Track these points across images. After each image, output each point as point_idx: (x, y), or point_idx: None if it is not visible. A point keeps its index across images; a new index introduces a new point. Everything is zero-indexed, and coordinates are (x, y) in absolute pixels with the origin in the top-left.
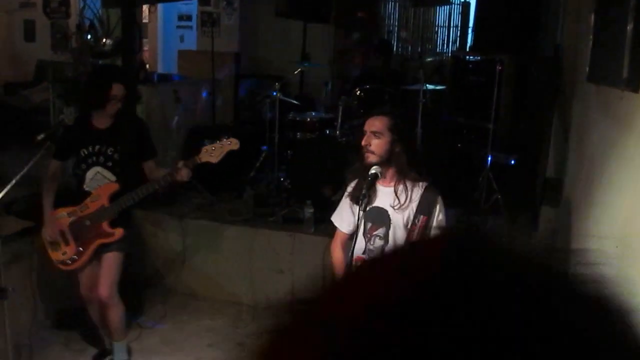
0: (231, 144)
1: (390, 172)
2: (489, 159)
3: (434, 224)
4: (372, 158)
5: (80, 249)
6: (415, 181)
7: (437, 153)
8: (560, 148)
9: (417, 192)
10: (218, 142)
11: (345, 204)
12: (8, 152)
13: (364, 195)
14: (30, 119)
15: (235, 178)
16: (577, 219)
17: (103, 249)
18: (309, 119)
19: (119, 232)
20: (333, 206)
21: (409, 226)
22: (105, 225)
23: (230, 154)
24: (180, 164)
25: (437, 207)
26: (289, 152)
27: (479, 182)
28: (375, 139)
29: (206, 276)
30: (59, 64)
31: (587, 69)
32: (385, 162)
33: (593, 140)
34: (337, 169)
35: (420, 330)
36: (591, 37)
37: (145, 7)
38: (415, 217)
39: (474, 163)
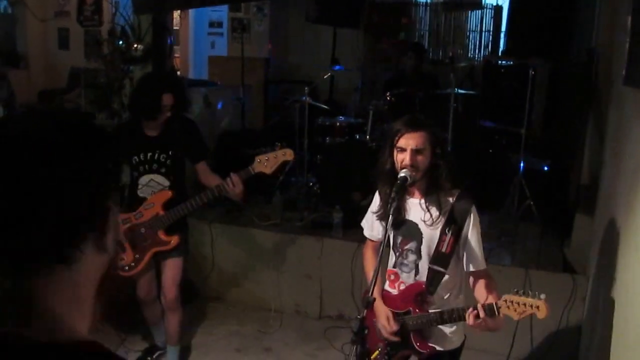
0: (286, 154)
1: (424, 185)
2: (522, 164)
3: (468, 234)
4: (416, 175)
5: (137, 256)
6: (447, 191)
7: (468, 158)
8: (595, 154)
9: (449, 203)
10: (272, 152)
11: (372, 215)
12: None
13: (392, 199)
14: None
15: (264, 183)
16: (613, 227)
17: (162, 255)
18: (338, 124)
19: (175, 240)
20: (362, 211)
21: (440, 236)
22: (161, 234)
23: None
24: (234, 176)
25: (471, 216)
26: (318, 156)
27: (511, 188)
28: (419, 155)
29: (234, 281)
30: (91, 70)
31: (624, 72)
32: (423, 176)
33: (630, 145)
34: (366, 174)
35: None
36: (628, 39)
37: (176, 14)
38: (446, 226)
39: (506, 168)
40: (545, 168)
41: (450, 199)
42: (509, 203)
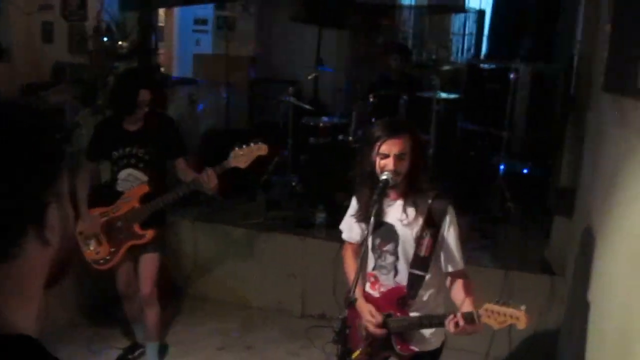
0: (260, 149)
1: (402, 187)
2: (502, 167)
3: (445, 234)
4: (397, 179)
5: (113, 249)
6: (424, 192)
7: (449, 160)
8: (574, 157)
9: (425, 204)
10: (246, 146)
11: (351, 218)
12: None
13: (374, 201)
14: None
15: (247, 182)
16: (590, 229)
17: (138, 250)
18: (322, 124)
19: (150, 233)
20: (345, 212)
21: (418, 239)
22: (136, 227)
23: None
24: (209, 169)
25: (447, 217)
26: (301, 156)
27: (492, 190)
28: (401, 160)
29: (217, 279)
30: (76, 65)
31: (603, 78)
32: (402, 179)
33: (608, 150)
34: (349, 176)
35: None
36: (607, 46)
37: (161, 11)
38: (423, 229)
39: (487, 171)
40: (526, 171)
41: (428, 200)
42: (489, 205)
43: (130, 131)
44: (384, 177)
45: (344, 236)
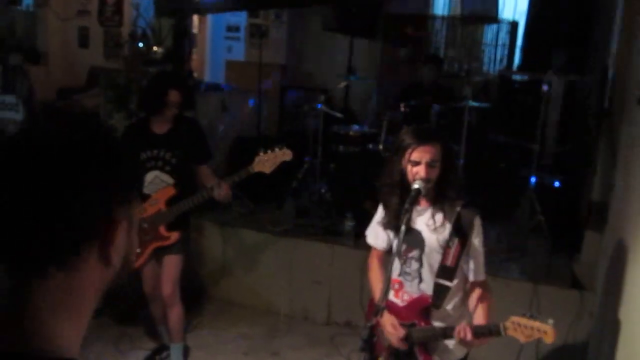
0: (285, 154)
1: (431, 195)
2: (533, 179)
3: (472, 244)
4: (429, 187)
5: (138, 250)
6: (453, 201)
7: (480, 171)
8: (606, 171)
9: (454, 212)
10: (271, 152)
11: (377, 225)
12: None
13: (406, 210)
14: None
15: (277, 188)
16: (622, 244)
17: (162, 251)
18: (352, 133)
19: (174, 235)
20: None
21: (444, 248)
22: (161, 229)
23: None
24: (223, 184)
25: (475, 228)
26: (331, 164)
27: (522, 202)
28: (432, 168)
29: (245, 284)
30: (110, 70)
31: (638, 92)
32: (433, 186)
33: None
34: (378, 185)
35: None
36: None
37: (195, 17)
38: (450, 238)
39: (518, 183)
40: (557, 184)
41: (456, 208)
42: (519, 217)
43: (158, 134)
44: (416, 185)
45: (369, 241)
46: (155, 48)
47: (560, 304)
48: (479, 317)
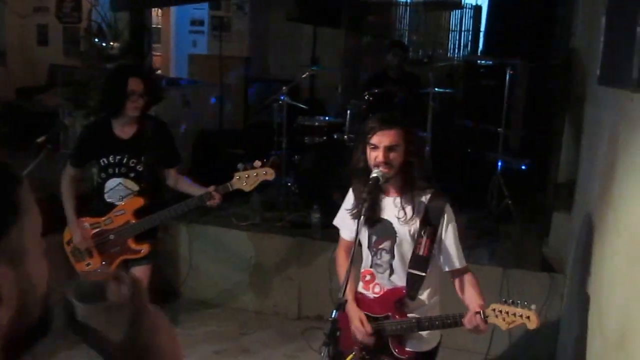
0: (267, 174)
1: (398, 183)
2: (500, 163)
3: (443, 234)
4: (390, 172)
5: (105, 262)
6: (421, 190)
7: (447, 157)
8: (571, 153)
9: (423, 202)
10: (252, 169)
11: (345, 213)
12: (21, 154)
13: (365, 199)
14: (42, 122)
15: None
16: (588, 225)
17: (131, 263)
18: (317, 124)
19: (145, 248)
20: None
21: (415, 238)
22: (130, 242)
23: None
24: (215, 194)
25: (445, 216)
26: (296, 156)
27: (490, 187)
28: (392, 152)
29: (213, 282)
30: (69, 67)
31: (598, 71)
32: (397, 174)
33: (604, 144)
34: (344, 174)
35: None
36: (602, 39)
37: (157, 12)
38: (421, 228)
39: (485, 168)
40: (524, 167)
41: (424, 198)
42: (487, 202)
43: (122, 138)
44: (374, 174)
45: (341, 233)
46: (112, 43)
47: (531, 287)
48: (473, 300)
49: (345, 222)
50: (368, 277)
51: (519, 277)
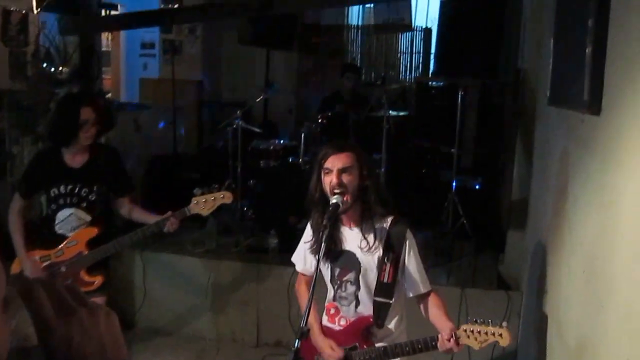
0: (224, 197)
1: (357, 212)
2: (454, 183)
3: (406, 260)
4: (347, 198)
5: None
6: (381, 217)
7: (402, 178)
8: (524, 171)
9: (385, 228)
10: (209, 194)
11: (305, 246)
12: None
13: (325, 227)
14: None
15: None
16: (543, 242)
17: None
18: (271, 147)
19: (98, 280)
20: (298, 235)
21: (380, 266)
22: (83, 274)
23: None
24: (173, 220)
25: (407, 242)
26: (251, 181)
27: (445, 207)
28: (346, 175)
29: (168, 310)
30: (15, 92)
31: (548, 92)
32: (354, 200)
33: (556, 162)
34: (300, 197)
35: None
36: (551, 61)
37: (107, 36)
38: (384, 255)
39: (440, 187)
40: (477, 186)
41: (385, 224)
42: (443, 222)
43: (73, 167)
44: (333, 200)
45: (298, 268)
46: (61, 68)
47: (489, 306)
48: (442, 322)
49: (304, 258)
50: (333, 311)
51: (477, 296)
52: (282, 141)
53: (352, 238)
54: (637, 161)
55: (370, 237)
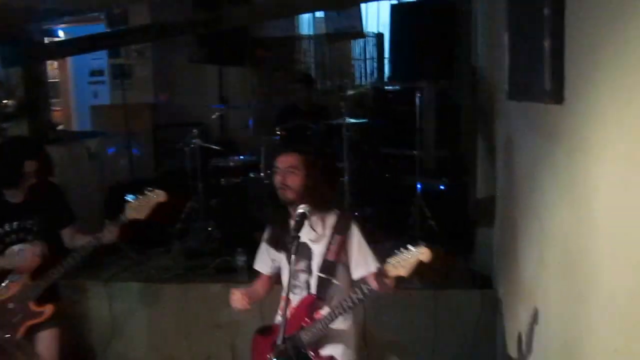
0: (157, 196)
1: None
2: (419, 186)
3: (351, 243)
4: (289, 194)
5: (8, 335)
6: (328, 211)
7: (366, 185)
8: (487, 168)
9: (332, 220)
10: (142, 196)
11: (263, 248)
12: None
13: (293, 237)
14: None
15: (162, 233)
16: (512, 237)
17: (36, 329)
18: (232, 164)
19: (48, 309)
20: None
21: (326, 248)
22: (32, 305)
23: (159, 207)
24: (111, 227)
25: (352, 228)
26: (214, 200)
27: (411, 210)
28: (291, 175)
29: (139, 341)
30: None
31: (507, 87)
32: (301, 198)
33: (521, 156)
34: (265, 212)
35: None
36: (507, 55)
37: (53, 65)
38: (331, 239)
39: (405, 192)
40: (442, 187)
41: (332, 217)
42: (411, 226)
43: (13, 203)
44: (300, 210)
45: (256, 266)
46: (5, 101)
47: (463, 306)
48: (371, 268)
49: (262, 256)
50: (283, 303)
51: (451, 297)
52: (241, 157)
53: (303, 231)
54: (605, 147)
55: (319, 228)
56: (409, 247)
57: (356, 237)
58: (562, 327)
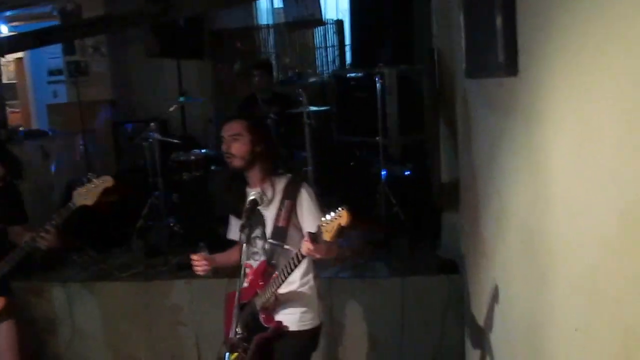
0: (104, 181)
1: (256, 173)
2: (384, 173)
3: (301, 205)
4: (236, 162)
5: None
6: (279, 176)
7: (330, 173)
8: (450, 151)
9: (281, 185)
10: (89, 183)
11: (231, 218)
12: None
13: (244, 225)
14: None
15: (122, 231)
16: (478, 218)
17: None
18: (192, 157)
19: (1, 301)
20: (229, 244)
21: (277, 213)
22: None
23: (113, 202)
24: (47, 227)
25: (302, 191)
26: (175, 195)
27: (377, 198)
28: (235, 142)
29: (100, 341)
30: None
31: (464, 65)
32: (249, 164)
33: (480, 135)
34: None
35: None
36: (463, 34)
37: (9, 68)
38: (281, 204)
39: (370, 179)
40: (407, 173)
41: (282, 182)
42: (377, 213)
43: None
44: (251, 197)
45: (228, 235)
46: None
47: (431, 292)
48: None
49: (232, 227)
50: (247, 270)
51: (418, 283)
52: (203, 150)
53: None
54: (560, 118)
55: (269, 193)
56: (331, 212)
57: (306, 202)
58: (526, 307)
